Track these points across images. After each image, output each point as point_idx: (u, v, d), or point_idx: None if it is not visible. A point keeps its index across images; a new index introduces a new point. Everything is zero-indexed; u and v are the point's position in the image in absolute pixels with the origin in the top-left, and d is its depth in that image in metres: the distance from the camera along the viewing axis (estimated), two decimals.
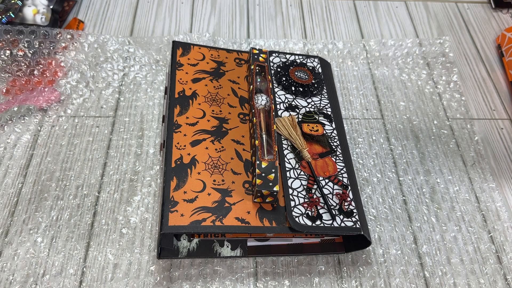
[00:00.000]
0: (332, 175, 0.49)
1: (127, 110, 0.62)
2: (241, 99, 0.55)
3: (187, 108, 0.52)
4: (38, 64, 0.64)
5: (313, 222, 0.44)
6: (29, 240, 0.49)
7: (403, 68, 0.72)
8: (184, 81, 0.55)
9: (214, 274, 0.48)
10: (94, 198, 0.53)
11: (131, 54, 0.68)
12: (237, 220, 0.44)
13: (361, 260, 0.51)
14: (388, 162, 0.60)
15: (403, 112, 0.66)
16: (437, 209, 0.56)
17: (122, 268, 0.48)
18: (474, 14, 0.83)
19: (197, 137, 0.49)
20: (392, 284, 0.49)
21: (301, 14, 0.80)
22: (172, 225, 0.42)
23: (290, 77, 0.57)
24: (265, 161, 0.46)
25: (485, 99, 0.70)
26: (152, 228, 0.51)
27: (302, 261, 0.50)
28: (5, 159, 0.56)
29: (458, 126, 0.65)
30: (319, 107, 0.56)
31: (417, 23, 0.80)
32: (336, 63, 0.71)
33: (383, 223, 0.54)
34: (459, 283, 0.50)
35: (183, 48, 0.58)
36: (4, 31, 0.63)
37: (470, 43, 0.78)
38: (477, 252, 0.53)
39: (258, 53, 0.58)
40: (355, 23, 0.79)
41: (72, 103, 0.62)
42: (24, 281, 0.46)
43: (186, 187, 0.45)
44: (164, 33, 0.73)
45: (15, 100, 0.60)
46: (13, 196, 0.53)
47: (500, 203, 0.57)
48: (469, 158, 0.62)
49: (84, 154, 0.57)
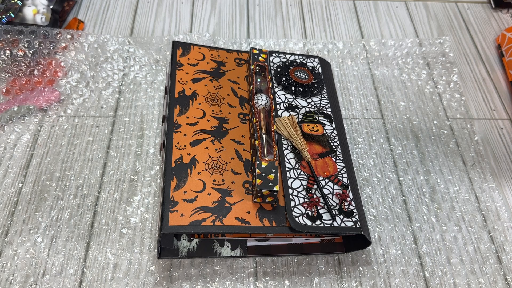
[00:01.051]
0: (332, 175, 0.49)
1: (127, 110, 0.62)
2: (241, 99, 0.55)
3: (187, 108, 0.52)
4: (38, 64, 0.64)
5: (313, 222, 0.44)
6: (29, 240, 0.49)
7: (403, 68, 0.72)
8: (184, 81, 0.55)
9: (214, 274, 0.48)
10: (94, 198, 0.53)
11: (131, 54, 0.68)
12: (237, 220, 0.44)
13: (361, 260, 0.51)
14: (388, 162, 0.60)
15: (403, 112, 0.66)
16: (437, 209, 0.56)
17: (122, 268, 0.48)
18: (474, 14, 0.83)
19: (197, 137, 0.49)
20: (392, 284, 0.49)
21: (301, 14, 0.80)
22: (172, 225, 0.42)
23: (290, 77, 0.57)
24: (265, 161, 0.46)
25: (485, 99, 0.70)
26: (152, 228, 0.51)
27: (302, 261, 0.50)
28: (5, 159, 0.56)
29: (458, 126, 0.65)
30: (319, 107, 0.56)
31: (417, 23, 0.80)
32: (336, 63, 0.71)
33: (383, 223, 0.54)
34: (459, 283, 0.50)
35: (183, 48, 0.58)
36: (4, 31, 0.63)
37: (470, 43, 0.78)
38: (477, 252, 0.53)
39: (258, 53, 0.58)
40: (355, 23, 0.79)
41: (72, 103, 0.62)
42: (24, 281, 0.46)
43: (186, 187, 0.45)
44: (164, 33, 0.73)
45: (15, 100, 0.60)
46: (13, 196, 0.53)
47: (500, 203, 0.57)
48: (469, 158, 0.62)
49: (84, 154, 0.57)
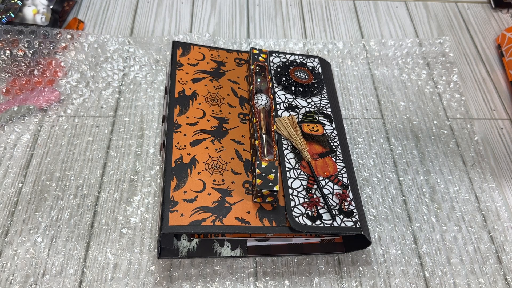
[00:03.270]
0: (332, 175, 0.49)
1: (127, 110, 0.62)
2: (241, 99, 0.55)
3: (187, 108, 0.52)
4: (38, 64, 0.64)
5: (313, 222, 0.44)
6: (29, 240, 0.49)
7: (403, 68, 0.72)
8: (184, 81, 0.55)
9: (214, 274, 0.48)
10: (94, 198, 0.53)
11: (131, 54, 0.68)
12: (237, 220, 0.44)
13: (361, 260, 0.51)
14: (388, 162, 0.60)
15: (403, 112, 0.66)
16: (437, 209, 0.56)
17: (122, 268, 0.48)
18: (474, 14, 0.83)
19: (197, 137, 0.49)
20: (392, 284, 0.49)
21: (301, 14, 0.80)
22: (172, 225, 0.42)
23: (290, 77, 0.57)
24: (265, 161, 0.46)
25: (485, 99, 0.70)
26: (152, 228, 0.51)
27: (302, 261, 0.50)
28: (5, 159, 0.56)
29: (458, 126, 0.65)
30: (319, 107, 0.56)
31: (417, 23, 0.80)
32: (336, 63, 0.71)
33: (383, 223, 0.54)
34: (459, 283, 0.50)
35: (183, 48, 0.58)
36: (4, 31, 0.63)
37: (470, 43, 0.78)
38: (477, 252, 0.53)
39: (258, 53, 0.58)
40: (355, 23, 0.79)
41: (72, 103, 0.62)
42: (24, 281, 0.46)
43: (186, 187, 0.45)
44: (164, 33, 0.73)
45: (15, 100, 0.60)
46: (13, 196, 0.53)
47: (500, 203, 0.57)
48: (469, 158, 0.62)
49: (84, 154, 0.57)
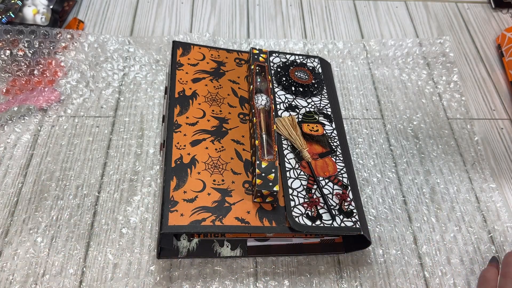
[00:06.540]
0: (332, 175, 0.49)
1: (127, 110, 0.62)
2: (241, 99, 0.55)
3: (187, 108, 0.52)
4: (38, 64, 0.64)
5: (313, 222, 0.44)
6: (29, 240, 0.49)
7: (403, 68, 0.72)
8: (184, 81, 0.55)
9: (214, 274, 0.48)
10: (94, 198, 0.53)
11: (131, 54, 0.68)
12: (237, 220, 0.44)
13: (361, 260, 0.51)
14: (388, 162, 0.60)
15: (403, 112, 0.66)
16: (437, 209, 0.56)
17: (122, 268, 0.48)
18: (474, 14, 0.83)
19: (197, 137, 0.49)
20: (392, 284, 0.49)
21: (301, 14, 0.80)
22: (172, 225, 0.42)
23: (290, 77, 0.57)
24: (265, 161, 0.46)
25: (485, 99, 0.70)
26: (152, 228, 0.51)
27: (302, 261, 0.50)
28: (5, 159, 0.56)
29: (458, 126, 0.65)
30: (319, 107, 0.56)
31: (417, 23, 0.80)
32: (336, 63, 0.71)
33: (383, 223, 0.54)
34: (459, 283, 0.50)
35: (183, 48, 0.58)
36: (4, 31, 0.63)
37: (470, 43, 0.78)
38: (477, 252, 0.53)
39: (258, 53, 0.58)
40: (355, 23, 0.79)
41: (72, 103, 0.62)
42: (24, 281, 0.46)
43: (186, 187, 0.45)
44: (164, 33, 0.73)
45: (15, 100, 0.60)
46: (13, 196, 0.53)
47: (500, 203, 0.57)
48: (469, 158, 0.62)
49: (84, 154, 0.57)
